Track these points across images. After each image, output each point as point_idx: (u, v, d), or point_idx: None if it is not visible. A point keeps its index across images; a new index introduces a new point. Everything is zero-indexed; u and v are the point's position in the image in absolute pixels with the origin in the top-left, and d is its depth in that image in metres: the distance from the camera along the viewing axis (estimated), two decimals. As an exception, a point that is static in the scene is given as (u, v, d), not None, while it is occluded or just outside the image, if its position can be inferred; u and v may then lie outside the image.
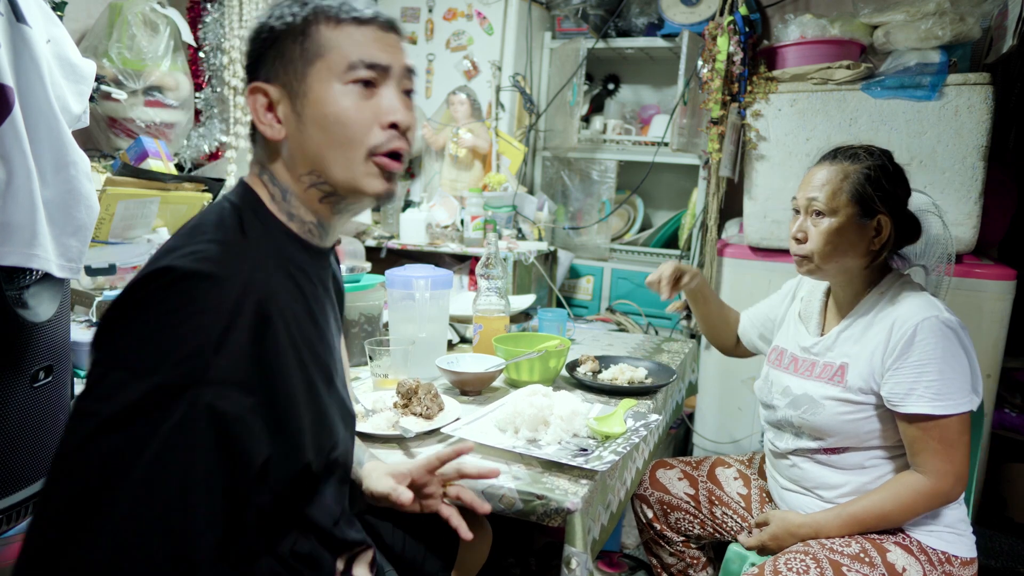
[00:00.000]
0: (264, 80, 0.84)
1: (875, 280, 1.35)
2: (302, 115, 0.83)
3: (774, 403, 1.44)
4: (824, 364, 1.37)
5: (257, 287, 0.76)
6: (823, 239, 1.31)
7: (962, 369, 1.22)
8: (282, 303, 0.79)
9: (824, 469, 1.36)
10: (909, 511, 1.26)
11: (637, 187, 3.05)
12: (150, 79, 2.04)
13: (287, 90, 0.84)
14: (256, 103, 0.85)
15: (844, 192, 1.30)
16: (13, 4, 1.13)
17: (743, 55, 2.32)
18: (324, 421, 0.87)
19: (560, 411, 1.24)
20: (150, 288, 0.71)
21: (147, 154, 1.94)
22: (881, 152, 1.34)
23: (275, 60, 0.84)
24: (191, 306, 0.70)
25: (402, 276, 1.57)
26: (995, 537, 2.33)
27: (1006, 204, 2.32)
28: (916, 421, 1.23)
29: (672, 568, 1.63)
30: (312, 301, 0.87)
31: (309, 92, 0.83)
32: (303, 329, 0.83)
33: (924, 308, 1.25)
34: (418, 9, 3.13)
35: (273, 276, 0.80)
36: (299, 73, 0.83)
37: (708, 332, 1.75)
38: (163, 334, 0.69)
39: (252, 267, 0.77)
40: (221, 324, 0.71)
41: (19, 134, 1.09)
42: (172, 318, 0.69)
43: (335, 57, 0.82)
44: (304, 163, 0.85)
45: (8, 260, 1.10)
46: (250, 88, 0.85)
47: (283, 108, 0.84)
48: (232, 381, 0.71)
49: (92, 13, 2.08)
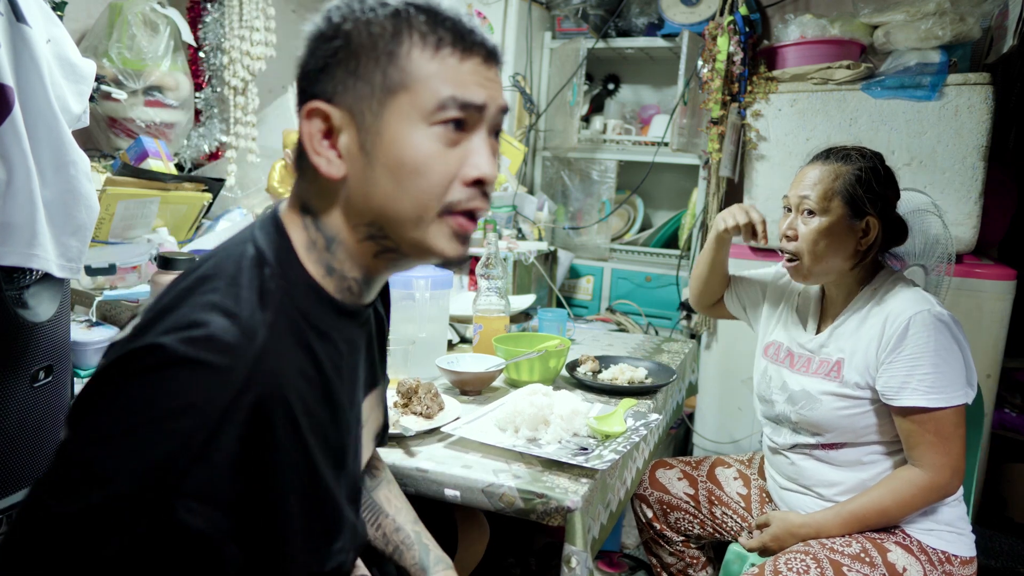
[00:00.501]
0: (326, 100, 0.68)
1: (867, 278, 1.36)
2: (372, 155, 0.68)
3: (772, 398, 1.44)
4: (820, 360, 1.37)
5: (263, 380, 0.62)
6: (812, 238, 1.32)
7: (955, 362, 1.23)
8: (291, 395, 0.65)
9: (822, 466, 1.36)
10: (908, 506, 1.26)
11: (637, 187, 3.05)
12: (150, 79, 2.04)
13: (356, 120, 0.68)
14: (312, 128, 0.68)
15: (836, 192, 1.30)
16: (13, 4, 1.13)
17: (743, 55, 2.32)
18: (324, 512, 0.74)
19: (560, 410, 1.24)
20: (131, 369, 0.60)
21: (147, 154, 1.94)
22: (873, 154, 1.35)
23: (347, 79, 0.67)
24: (174, 402, 0.58)
25: (402, 276, 1.57)
26: (995, 537, 2.33)
27: (1006, 204, 2.32)
28: (911, 414, 1.24)
29: (672, 568, 1.63)
30: (332, 375, 0.73)
31: (385, 130, 0.67)
32: (313, 417, 0.69)
33: (916, 302, 1.26)
34: (418, 9, 3.13)
35: (285, 358, 0.66)
36: (376, 103, 0.67)
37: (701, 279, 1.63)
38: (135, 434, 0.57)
39: (262, 353, 0.63)
40: (207, 429, 0.58)
41: (19, 134, 1.09)
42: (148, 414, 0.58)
43: (424, 93, 0.67)
44: (366, 213, 0.69)
45: (8, 260, 1.10)
46: (308, 109, 0.68)
47: (346, 140, 0.68)
48: (209, 497, 0.59)
49: (92, 13, 2.09)
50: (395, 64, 0.67)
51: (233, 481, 0.60)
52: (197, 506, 0.58)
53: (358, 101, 0.67)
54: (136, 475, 0.57)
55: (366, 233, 0.71)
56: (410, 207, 0.68)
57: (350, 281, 0.74)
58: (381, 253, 0.73)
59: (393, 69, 0.67)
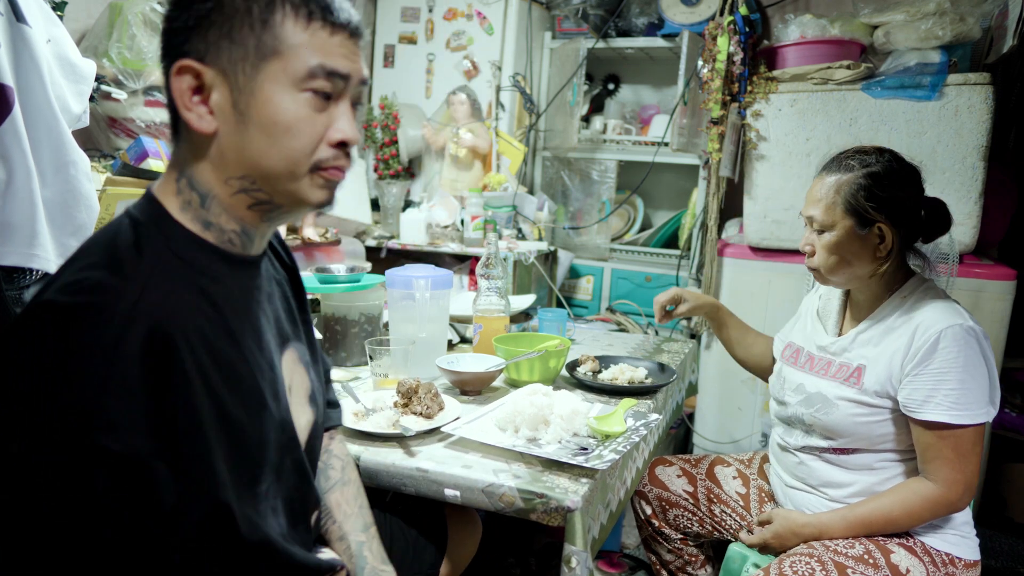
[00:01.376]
0: (197, 59, 0.71)
1: (896, 283, 1.34)
2: (245, 114, 0.73)
3: (786, 399, 1.44)
4: (840, 364, 1.36)
5: (150, 311, 0.66)
6: (826, 253, 1.31)
7: (982, 379, 1.22)
8: (186, 324, 0.70)
9: (832, 468, 1.36)
10: (916, 518, 1.26)
11: (637, 187, 3.06)
12: (150, 79, 2.04)
13: (228, 80, 0.72)
14: (183, 85, 0.72)
15: (838, 206, 1.29)
16: (13, 4, 1.13)
17: (743, 55, 2.32)
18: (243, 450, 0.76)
19: (560, 410, 1.24)
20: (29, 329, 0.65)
21: (147, 154, 1.94)
22: (879, 155, 1.31)
23: (220, 40, 0.71)
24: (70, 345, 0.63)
25: (402, 276, 1.57)
26: (995, 537, 2.33)
27: (1006, 204, 2.32)
28: (932, 428, 1.23)
29: (670, 565, 1.63)
30: (232, 318, 0.77)
31: (258, 91, 0.72)
32: (216, 352, 0.73)
33: (949, 315, 1.24)
34: (418, 9, 3.13)
35: (174, 294, 0.71)
36: (249, 67, 0.72)
37: (739, 359, 1.70)
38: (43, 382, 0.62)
39: (144, 288, 0.68)
40: (105, 361, 0.63)
41: (19, 134, 1.09)
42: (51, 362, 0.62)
43: (295, 60, 0.72)
44: (238, 166, 0.75)
45: (8, 260, 1.10)
46: (178, 67, 0.71)
47: (218, 98, 0.73)
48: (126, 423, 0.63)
49: (92, 13, 2.09)
50: (269, 31, 0.72)
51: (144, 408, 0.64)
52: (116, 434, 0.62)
53: (232, 63, 0.72)
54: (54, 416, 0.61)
55: (238, 187, 0.76)
56: (283, 164, 0.74)
57: (229, 234, 0.79)
58: (254, 205, 0.78)
59: (267, 35, 0.72)
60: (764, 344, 1.66)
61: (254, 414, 0.78)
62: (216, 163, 0.75)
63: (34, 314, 0.66)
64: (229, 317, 0.77)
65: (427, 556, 1.21)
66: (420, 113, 3.14)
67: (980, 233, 2.14)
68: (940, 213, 1.34)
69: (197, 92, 0.73)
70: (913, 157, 1.61)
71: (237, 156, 0.74)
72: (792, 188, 2.33)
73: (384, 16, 3.21)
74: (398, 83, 3.19)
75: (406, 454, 1.17)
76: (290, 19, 0.72)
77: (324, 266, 1.72)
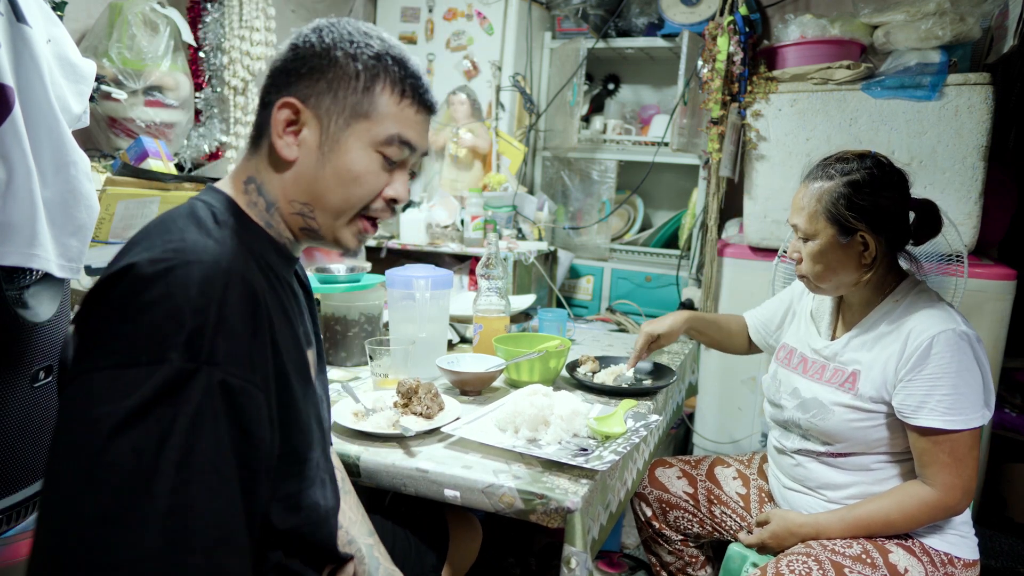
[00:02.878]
0: (301, 99, 0.84)
1: (888, 287, 1.33)
2: (327, 156, 0.84)
3: (782, 403, 1.43)
4: (835, 369, 1.36)
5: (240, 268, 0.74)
6: (811, 261, 1.32)
7: (976, 384, 1.21)
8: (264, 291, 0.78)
9: (829, 470, 1.36)
10: (913, 521, 1.26)
11: (637, 187, 3.05)
12: (150, 79, 2.04)
13: (321, 125, 0.84)
14: (281, 116, 0.84)
15: (820, 215, 1.29)
16: (13, 4, 1.13)
17: (743, 55, 2.32)
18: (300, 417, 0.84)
19: (560, 411, 1.24)
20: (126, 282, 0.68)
21: (147, 154, 1.94)
22: (860, 162, 1.29)
23: (324, 92, 0.83)
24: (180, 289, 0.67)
25: (402, 276, 1.57)
26: (995, 537, 2.33)
27: (1006, 204, 2.32)
28: (927, 434, 1.22)
29: (671, 566, 1.63)
30: (286, 302, 0.87)
31: (343, 142, 0.84)
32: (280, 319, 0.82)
33: (941, 320, 1.24)
34: (418, 9, 3.13)
35: (249, 261, 0.79)
36: (343, 120, 0.84)
37: (719, 349, 1.76)
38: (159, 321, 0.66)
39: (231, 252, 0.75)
40: (215, 302, 0.68)
41: (19, 134, 1.09)
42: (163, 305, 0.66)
43: (380, 126, 0.85)
44: (305, 194, 0.86)
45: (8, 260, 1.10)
46: (283, 102, 0.83)
47: (308, 135, 0.84)
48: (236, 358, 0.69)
49: (92, 13, 2.08)
50: (367, 97, 0.84)
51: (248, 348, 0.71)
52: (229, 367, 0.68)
53: (328, 113, 0.84)
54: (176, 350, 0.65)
55: (298, 209, 0.87)
56: (340, 204, 0.86)
57: (284, 239, 0.90)
58: (303, 228, 0.89)
59: (365, 100, 0.84)
60: (740, 325, 1.72)
61: (303, 384, 0.86)
62: (288, 184, 0.86)
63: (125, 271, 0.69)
64: (284, 299, 0.86)
65: (428, 561, 1.21)
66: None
67: (980, 233, 2.14)
68: (930, 215, 1.33)
69: (291, 124, 0.84)
70: (913, 157, 1.62)
71: (307, 186, 0.85)
72: (792, 188, 2.31)
73: (384, 16, 3.21)
74: (398, 83, 3.19)
75: (406, 454, 1.17)
76: (387, 92, 0.85)
77: (324, 266, 1.72)
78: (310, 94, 0.84)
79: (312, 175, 0.85)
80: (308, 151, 0.84)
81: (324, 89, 0.83)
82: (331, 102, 0.84)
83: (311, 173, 0.85)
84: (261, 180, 0.87)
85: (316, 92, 0.84)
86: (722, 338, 1.73)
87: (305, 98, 0.84)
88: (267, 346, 0.75)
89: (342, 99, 0.84)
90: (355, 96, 0.84)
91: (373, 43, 0.85)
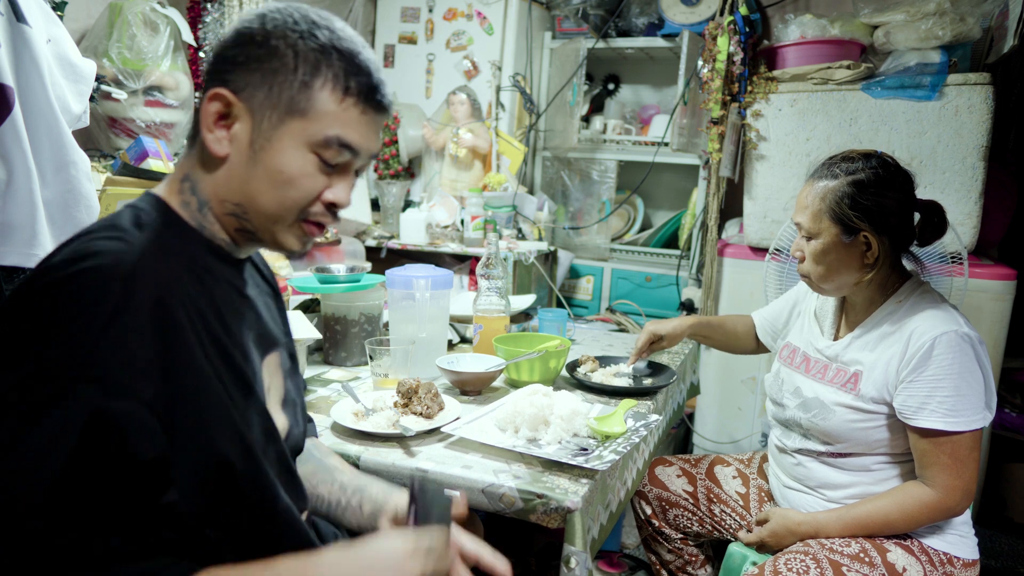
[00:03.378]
0: (234, 91, 0.77)
1: (892, 287, 1.33)
2: (257, 155, 0.78)
3: (784, 402, 1.43)
4: (837, 369, 1.36)
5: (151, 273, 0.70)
6: (813, 260, 1.32)
7: (977, 385, 1.21)
8: (183, 296, 0.73)
9: (829, 470, 1.36)
10: (913, 522, 1.26)
11: (637, 187, 3.05)
12: (150, 79, 2.04)
13: (253, 120, 0.77)
14: (212, 108, 0.77)
15: (824, 214, 1.29)
16: (13, 4, 1.13)
17: (743, 55, 2.32)
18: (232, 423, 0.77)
19: (560, 411, 1.24)
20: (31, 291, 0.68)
21: (147, 154, 1.94)
22: (865, 161, 1.29)
23: (259, 84, 0.76)
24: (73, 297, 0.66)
25: (402, 276, 1.57)
26: (995, 537, 2.33)
27: (1006, 204, 2.32)
28: (928, 436, 1.22)
29: (670, 565, 1.63)
30: (223, 305, 0.81)
31: (275, 140, 0.77)
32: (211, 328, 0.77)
33: (943, 321, 1.23)
34: (418, 9, 3.13)
35: (171, 268, 0.74)
36: (276, 116, 0.77)
37: (726, 351, 1.77)
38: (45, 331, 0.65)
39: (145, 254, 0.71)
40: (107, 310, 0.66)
41: (19, 134, 1.09)
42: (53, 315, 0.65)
43: (317, 125, 0.77)
44: (236, 194, 0.79)
45: (8, 260, 1.10)
46: (213, 93, 0.77)
47: (239, 131, 0.78)
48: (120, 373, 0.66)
49: (92, 13, 2.09)
50: (304, 92, 0.77)
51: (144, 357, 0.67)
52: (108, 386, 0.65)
53: (262, 106, 0.77)
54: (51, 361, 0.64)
55: (230, 210, 0.81)
56: (274, 208, 0.79)
57: (220, 240, 0.83)
58: (240, 231, 0.82)
59: (302, 96, 0.77)
60: (746, 326, 1.71)
61: (240, 396, 0.80)
62: (219, 182, 0.80)
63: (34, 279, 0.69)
64: (220, 305, 0.80)
65: None
66: (420, 113, 3.14)
67: (980, 233, 2.14)
68: (935, 216, 1.33)
69: (222, 118, 0.78)
70: (913, 157, 1.62)
71: (239, 186, 0.79)
72: (792, 188, 2.33)
73: (384, 16, 3.21)
74: (398, 83, 3.19)
75: (406, 454, 1.17)
76: (328, 88, 0.77)
77: (324, 266, 1.72)
78: (244, 85, 0.76)
79: (243, 174, 0.78)
80: (239, 148, 0.78)
81: (259, 81, 0.76)
82: (265, 95, 0.76)
83: (242, 172, 0.78)
84: (195, 178, 0.81)
85: (251, 83, 0.76)
86: (728, 341, 1.73)
87: (238, 89, 0.77)
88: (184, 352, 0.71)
89: (277, 93, 0.76)
90: (291, 91, 0.76)
91: (320, 33, 0.77)
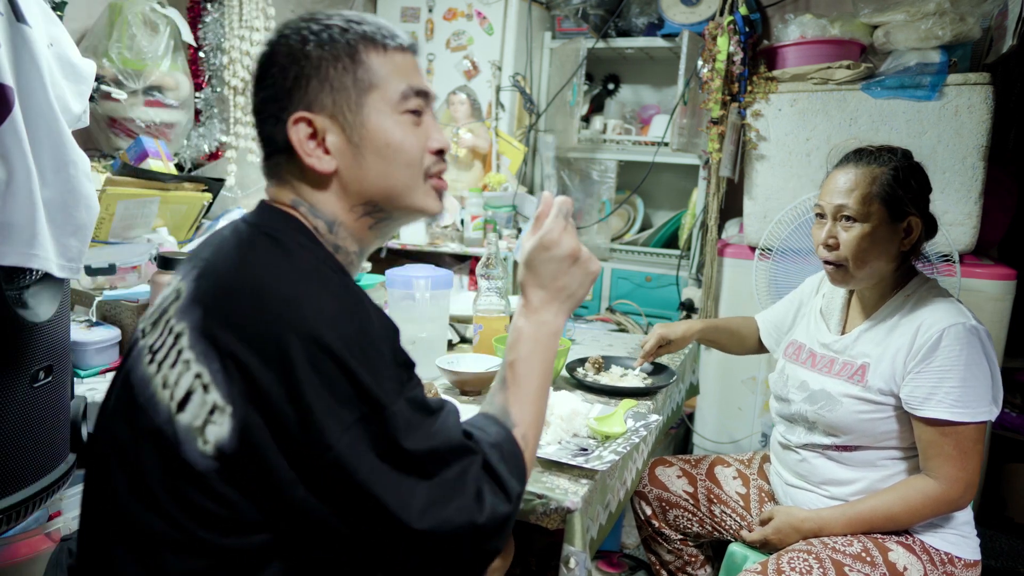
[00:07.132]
0: (306, 109, 0.80)
1: (901, 282, 1.34)
2: (360, 145, 0.82)
3: (789, 397, 1.44)
4: (844, 362, 1.36)
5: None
6: (856, 245, 1.29)
7: (984, 378, 1.22)
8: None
9: (834, 465, 1.36)
10: (917, 515, 1.26)
11: (637, 187, 3.05)
12: (150, 79, 2.04)
13: (338, 121, 0.81)
14: (300, 135, 0.80)
15: (874, 196, 1.28)
16: (13, 4, 1.13)
17: (743, 55, 2.32)
18: None
19: (560, 411, 1.24)
20: (354, 330, 0.79)
21: (147, 154, 1.94)
22: (903, 152, 1.33)
23: (321, 89, 0.80)
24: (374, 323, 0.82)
25: (402, 276, 1.57)
26: (995, 537, 2.34)
27: (1006, 204, 2.32)
28: (933, 425, 1.23)
29: (670, 565, 1.63)
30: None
31: (366, 123, 0.81)
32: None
33: (952, 314, 1.25)
34: (418, 9, 3.13)
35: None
36: (354, 103, 0.81)
37: (731, 354, 1.79)
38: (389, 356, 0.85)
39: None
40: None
41: (19, 134, 1.09)
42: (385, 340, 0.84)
43: (389, 88, 0.82)
44: (360, 194, 0.83)
45: (8, 260, 1.10)
46: (294, 119, 0.80)
47: (333, 138, 0.81)
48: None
49: (92, 13, 2.08)
50: (361, 67, 0.81)
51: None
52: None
53: (336, 105, 0.81)
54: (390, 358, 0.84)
55: (363, 211, 0.85)
56: (402, 179, 0.84)
57: (351, 255, 0.87)
58: (375, 224, 0.87)
59: (361, 71, 0.81)
60: (751, 328, 1.73)
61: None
62: (339, 195, 0.83)
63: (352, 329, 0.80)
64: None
65: None
66: (420, 113, 3.13)
67: (980, 233, 2.14)
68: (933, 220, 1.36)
69: (312, 138, 0.81)
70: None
71: (360, 185, 0.83)
72: (792, 188, 2.33)
73: (384, 16, 3.21)
74: (398, 83, 3.19)
75: (406, 454, 1.17)
76: (372, 54, 0.82)
77: (324, 266, 1.71)
78: (310, 100, 0.81)
79: (359, 172, 0.82)
80: (342, 153, 0.82)
81: (318, 88, 0.80)
82: (332, 96, 0.81)
83: (357, 171, 0.82)
84: (311, 200, 0.83)
85: (312, 95, 0.81)
86: (734, 343, 1.74)
87: (308, 106, 0.81)
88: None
89: (339, 87, 0.81)
90: (351, 76, 0.81)
91: (331, 21, 0.82)
